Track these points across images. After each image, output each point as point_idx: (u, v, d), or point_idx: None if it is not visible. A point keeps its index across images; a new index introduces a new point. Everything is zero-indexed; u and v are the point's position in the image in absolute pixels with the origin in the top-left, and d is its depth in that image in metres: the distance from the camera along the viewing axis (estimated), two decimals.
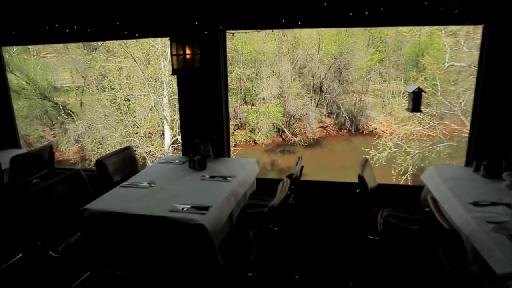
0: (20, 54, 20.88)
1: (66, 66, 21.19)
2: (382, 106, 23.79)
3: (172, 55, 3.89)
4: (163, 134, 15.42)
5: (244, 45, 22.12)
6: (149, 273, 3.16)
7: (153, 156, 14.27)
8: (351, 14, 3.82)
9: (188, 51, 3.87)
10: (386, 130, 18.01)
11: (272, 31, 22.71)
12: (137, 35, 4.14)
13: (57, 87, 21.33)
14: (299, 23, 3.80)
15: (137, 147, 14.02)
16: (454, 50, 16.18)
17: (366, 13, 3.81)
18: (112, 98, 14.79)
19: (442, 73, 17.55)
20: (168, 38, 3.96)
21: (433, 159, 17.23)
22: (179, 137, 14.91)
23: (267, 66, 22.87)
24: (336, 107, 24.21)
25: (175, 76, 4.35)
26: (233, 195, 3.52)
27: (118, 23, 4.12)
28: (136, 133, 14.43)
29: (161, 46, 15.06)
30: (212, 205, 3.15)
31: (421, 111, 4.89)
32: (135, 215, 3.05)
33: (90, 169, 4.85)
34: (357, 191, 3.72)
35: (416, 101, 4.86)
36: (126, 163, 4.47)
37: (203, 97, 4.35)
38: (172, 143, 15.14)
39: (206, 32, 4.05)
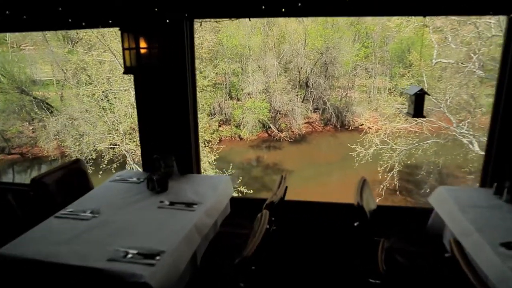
0: None
1: (46, 59, 20.01)
2: (368, 102, 23.10)
3: (123, 49, 3.00)
4: None
5: (229, 39, 21.15)
6: None
7: (133, 154, 13.31)
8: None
9: (143, 45, 2.98)
10: (373, 126, 17.31)
11: (257, 24, 21.81)
12: (83, 24, 3.22)
13: (36, 80, 20.14)
14: (283, 10, 2.93)
15: (115, 145, 13.06)
16: (442, 46, 15.47)
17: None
18: (90, 93, 13.76)
19: (429, 69, 16.87)
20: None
21: (419, 156, 16.61)
22: None
23: (253, 61, 21.95)
24: (322, 103, 23.44)
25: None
26: (198, 230, 2.66)
27: (60, 8, 3.21)
28: (116, 130, 13.45)
29: None
30: (166, 249, 2.29)
31: (424, 117, 4.08)
32: (61, 265, 2.19)
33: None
34: (355, 224, 2.88)
35: (418, 104, 4.04)
36: (73, 180, 3.58)
37: (166, 101, 3.43)
38: None
39: (167, 21, 3.16)
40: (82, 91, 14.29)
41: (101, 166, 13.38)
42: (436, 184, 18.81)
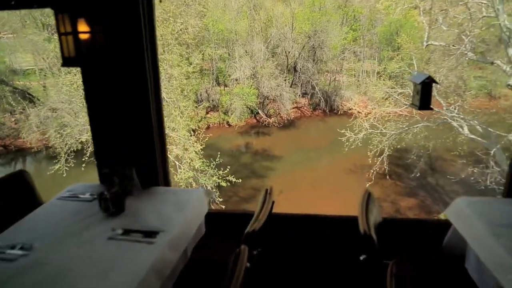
0: None
1: (26, 48, 18.94)
2: (357, 85, 22.46)
3: (59, 34, 2.26)
4: None
5: (215, 24, 20.22)
6: None
7: None
8: None
9: (84, 28, 2.24)
10: (362, 111, 16.66)
11: (244, 8, 20.88)
12: (12, 3, 2.47)
13: (16, 70, 19.08)
14: None
15: None
16: (433, 28, 14.76)
17: None
18: (69, 82, 12.87)
19: (419, 52, 16.21)
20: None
21: (409, 141, 16.08)
22: None
23: (240, 46, 21.07)
24: (310, 87, 22.74)
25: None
26: (157, 272, 1.97)
27: None
28: None
29: None
30: None
31: (431, 109, 3.40)
32: None
33: None
34: (361, 258, 2.22)
35: (425, 95, 3.36)
36: (15, 197, 2.87)
37: (121, 100, 2.69)
38: None
39: None
40: (62, 80, 13.39)
41: (83, 159, 12.61)
42: (426, 168, 18.40)
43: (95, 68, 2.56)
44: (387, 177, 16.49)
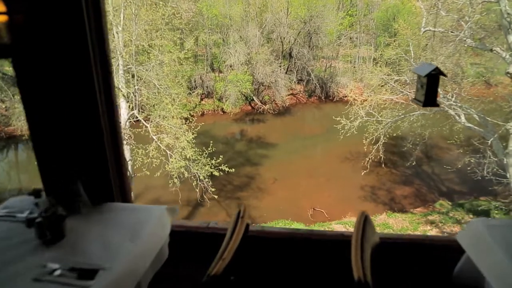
0: None
1: None
2: (353, 72, 21.87)
3: None
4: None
5: (209, 9, 19.49)
6: None
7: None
8: None
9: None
10: (358, 98, 16.11)
11: None
12: None
13: None
14: None
15: None
16: (431, 14, 14.12)
17: None
18: None
19: (416, 38, 15.59)
20: None
21: (405, 129, 15.60)
22: (135, 112, 12.59)
23: (234, 31, 20.37)
24: (306, 74, 22.13)
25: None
26: None
27: None
28: None
29: (112, 9, 12.47)
30: None
31: (437, 105, 2.86)
32: None
33: None
34: None
35: (431, 89, 2.83)
36: None
37: (62, 99, 2.12)
38: (129, 118, 12.82)
39: None
40: None
41: None
42: (422, 156, 17.99)
43: (25, 59, 1.98)
44: (383, 165, 16.06)
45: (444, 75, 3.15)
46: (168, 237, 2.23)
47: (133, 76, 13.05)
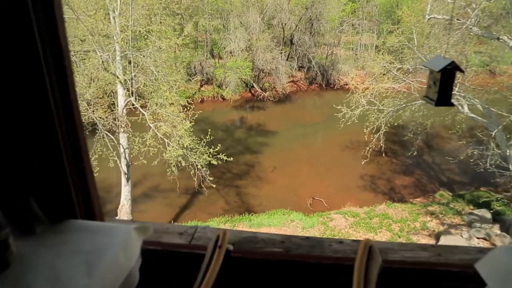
0: None
1: None
2: (355, 59, 21.33)
3: None
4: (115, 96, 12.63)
5: None
6: None
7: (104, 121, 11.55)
8: None
9: None
10: (360, 86, 15.65)
11: None
12: None
13: None
14: None
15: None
16: (435, 0, 13.57)
17: None
18: None
19: (421, 25, 15.05)
20: None
21: (407, 118, 15.17)
22: (132, 99, 12.16)
23: (235, 17, 19.80)
24: (307, 61, 21.61)
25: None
26: None
27: None
28: (81, 96, 11.60)
29: None
30: None
31: (452, 104, 2.49)
32: None
33: None
34: None
35: (445, 86, 2.45)
36: None
37: (9, 99, 1.74)
38: (126, 105, 12.41)
39: None
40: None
41: None
42: (422, 146, 17.58)
43: None
44: (383, 154, 15.65)
45: (461, 70, 2.75)
46: (139, 260, 1.89)
47: (129, 63, 12.60)
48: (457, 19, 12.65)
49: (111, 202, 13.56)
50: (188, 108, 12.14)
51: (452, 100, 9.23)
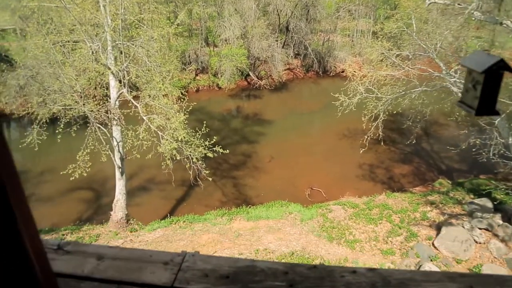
0: None
1: (1, 4, 16.84)
2: (351, 46, 20.63)
3: None
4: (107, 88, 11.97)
5: None
6: None
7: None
8: None
9: None
10: (357, 73, 15.00)
11: None
12: None
13: None
14: None
15: (69, 106, 10.57)
16: None
17: None
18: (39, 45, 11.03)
19: (419, 11, 14.34)
20: None
21: (406, 106, 14.60)
22: (125, 91, 11.49)
23: (229, 4, 19.01)
24: (303, 48, 20.91)
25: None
26: None
27: None
28: (71, 87, 10.94)
29: None
30: None
31: (497, 113, 1.88)
32: None
33: None
34: None
35: (489, 91, 1.86)
36: None
37: None
38: (118, 97, 11.75)
39: None
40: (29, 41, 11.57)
41: (57, 130, 11.04)
42: (421, 134, 17.04)
43: None
44: (382, 143, 15.09)
45: (511, 70, 2.11)
46: None
47: (121, 53, 11.90)
48: (459, 4, 11.99)
49: (106, 196, 13.08)
50: (183, 99, 11.50)
51: (453, 88, 8.44)
